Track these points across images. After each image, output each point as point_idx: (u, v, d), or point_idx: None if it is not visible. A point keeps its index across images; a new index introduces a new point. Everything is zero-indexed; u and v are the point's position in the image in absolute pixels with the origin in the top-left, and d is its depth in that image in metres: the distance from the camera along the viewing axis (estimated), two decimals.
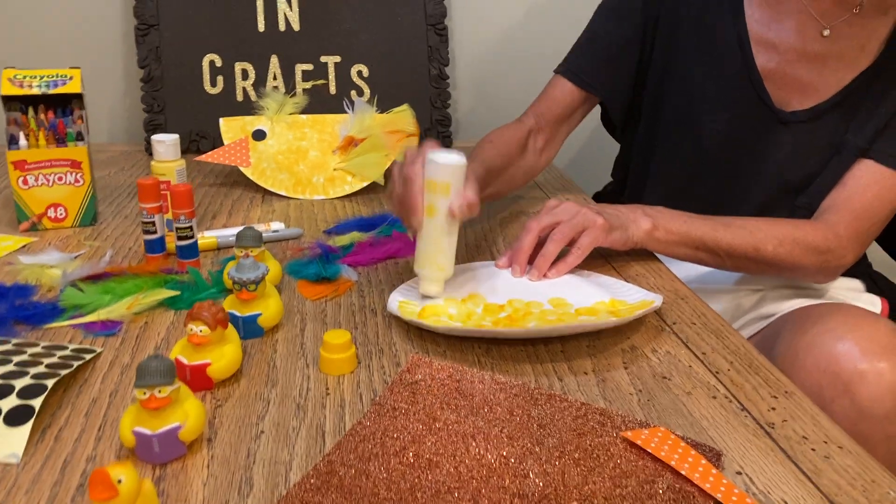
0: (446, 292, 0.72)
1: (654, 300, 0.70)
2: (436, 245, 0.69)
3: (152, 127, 1.27)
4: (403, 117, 1.11)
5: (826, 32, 0.84)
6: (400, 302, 0.71)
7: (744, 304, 0.95)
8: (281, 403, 0.57)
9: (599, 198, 1.18)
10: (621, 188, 1.10)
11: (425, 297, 0.71)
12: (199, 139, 1.28)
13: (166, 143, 0.86)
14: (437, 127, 1.36)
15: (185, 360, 0.57)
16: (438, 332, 0.66)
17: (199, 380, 0.57)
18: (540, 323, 0.67)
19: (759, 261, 0.81)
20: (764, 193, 0.91)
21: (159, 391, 0.49)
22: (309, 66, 1.31)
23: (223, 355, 0.58)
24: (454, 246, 0.70)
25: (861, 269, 0.95)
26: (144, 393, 0.48)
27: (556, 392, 0.58)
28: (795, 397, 0.59)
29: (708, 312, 0.74)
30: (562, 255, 0.76)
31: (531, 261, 0.76)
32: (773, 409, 0.58)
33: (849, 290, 0.93)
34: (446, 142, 1.37)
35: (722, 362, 0.64)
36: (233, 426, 0.54)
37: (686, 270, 0.91)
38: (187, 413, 0.50)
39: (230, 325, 0.60)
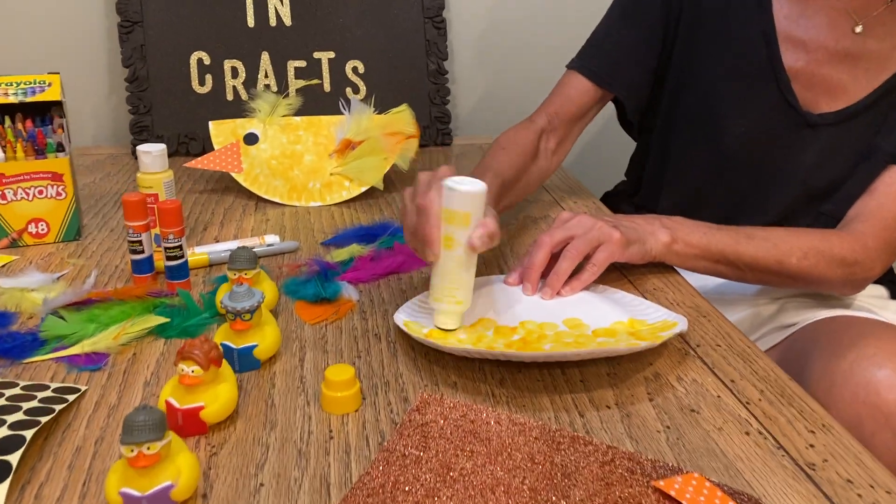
0: None
1: (677, 321, 0.66)
2: (454, 279, 0.64)
3: (138, 129, 1.21)
4: (403, 118, 1.05)
5: (858, 29, 0.79)
6: (405, 322, 0.66)
7: (762, 312, 0.91)
8: (281, 449, 0.52)
9: (609, 197, 1.13)
10: (635, 189, 1.05)
11: (440, 329, 0.66)
12: (189, 141, 1.23)
13: (153, 154, 0.81)
14: (436, 124, 1.31)
15: (176, 404, 0.53)
16: (448, 351, 0.62)
17: (191, 424, 0.53)
18: (556, 346, 0.62)
19: (783, 274, 0.77)
20: (787, 199, 0.87)
21: (148, 447, 0.44)
22: (302, 63, 1.25)
23: (217, 396, 0.54)
24: (472, 277, 0.65)
25: (885, 277, 0.91)
26: (132, 450, 0.44)
27: (580, 433, 0.54)
28: (834, 432, 0.55)
29: (733, 332, 0.69)
30: (576, 272, 0.72)
31: (543, 277, 0.72)
32: (812, 445, 0.54)
33: (872, 298, 0.89)
34: (446, 139, 1.32)
35: (752, 391, 0.60)
36: (229, 478, 0.49)
37: (703, 279, 0.87)
38: (180, 469, 0.46)
39: (224, 362, 0.56)
